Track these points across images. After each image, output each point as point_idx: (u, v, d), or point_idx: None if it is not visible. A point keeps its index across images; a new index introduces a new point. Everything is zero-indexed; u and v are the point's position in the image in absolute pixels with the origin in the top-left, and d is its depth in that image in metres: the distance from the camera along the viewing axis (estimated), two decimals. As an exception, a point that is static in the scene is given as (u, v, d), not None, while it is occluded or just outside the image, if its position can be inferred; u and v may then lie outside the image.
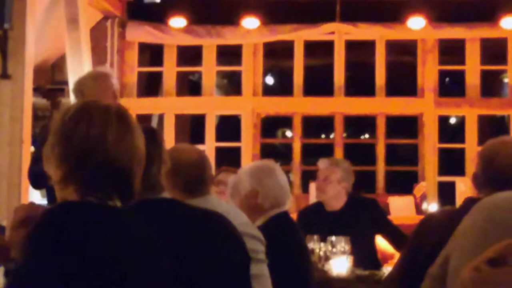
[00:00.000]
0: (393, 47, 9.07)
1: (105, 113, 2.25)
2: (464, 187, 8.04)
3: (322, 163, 5.96)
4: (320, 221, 5.78)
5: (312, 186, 8.04)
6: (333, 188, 5.84)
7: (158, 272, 2.21)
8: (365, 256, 5.53)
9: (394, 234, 5.85)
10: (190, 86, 11.01)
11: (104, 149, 2.20)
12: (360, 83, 9.62)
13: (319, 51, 9.37)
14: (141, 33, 8.87)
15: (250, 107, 8.88)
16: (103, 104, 2.29)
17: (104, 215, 2.19)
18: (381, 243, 6.12)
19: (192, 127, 10.46)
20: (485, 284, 1.45)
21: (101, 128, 2.22)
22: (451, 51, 9.11)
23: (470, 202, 2.85)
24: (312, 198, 7.64)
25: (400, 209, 8.19)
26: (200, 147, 6.34)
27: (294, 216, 5.27)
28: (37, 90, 6.21)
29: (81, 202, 2.20)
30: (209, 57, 9.01)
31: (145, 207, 2.62)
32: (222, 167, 5.84)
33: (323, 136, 12.90)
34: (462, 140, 8.89)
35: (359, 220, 5.76)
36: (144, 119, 9.28)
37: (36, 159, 4.64)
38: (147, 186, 2.64)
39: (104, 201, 2.19)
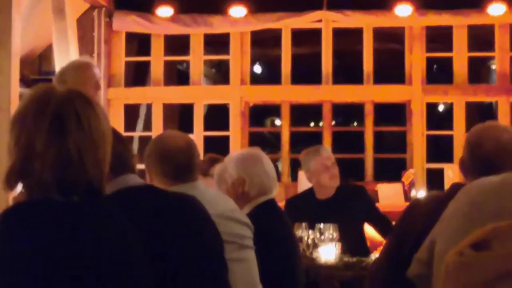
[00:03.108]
0: (380, 34, 9.07)
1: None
2: (452, 174, 8.05)
3: (325, 151, 5.97)
4: (309, 208, 5.79)
5: (301, 174, 8.04)
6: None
7: (121, 269, 2.17)
8: (354, 243, 5.55)
9: (381, 222, 5.87)
10: (178, 75, 10.99)
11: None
12: (347, 71, 9.62)
13: (307, 39, 9.35)
14: (128, 23, 8.84)
15: (238, 96, 8.87)
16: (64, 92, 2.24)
17: (54, 213, 2.14)
18: (370, 230, 6.14)
19: (180, 117, 10.44)
20: (468, 268, 1.46)
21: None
22: (439, 38, 9.11)
23: (456, 188, 2.86)
24: (301, 186, 7.64)
25: (389, 196, 8.21)
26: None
27: (282, 204, 5.27)
28: (21, 80, 6.19)
29: (36, 201, 2.15)
30: (197, 46, 8.99)
31: (120, 196, 2.61)
32: (208, 154, 5.84)
33: (311, 124, 12.90)
34: (450, 127, 8.90)
35: (348, 207, 5.78)
36: (132, 108, 9.27)
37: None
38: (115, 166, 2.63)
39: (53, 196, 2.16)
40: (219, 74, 12.51)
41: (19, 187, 2.24)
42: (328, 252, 5.14)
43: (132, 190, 2.67)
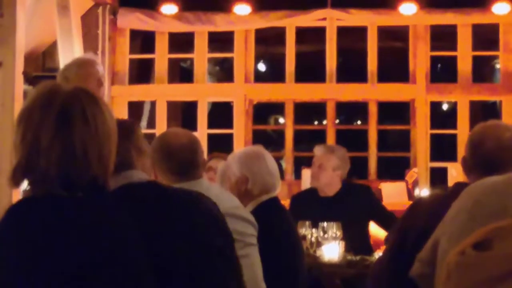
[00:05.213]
0: (384, 33, 9.07)
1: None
2: (456, 173, 8.05)
3: (318, 150, 5.99)
4: (312, 206, 5.80)
5: (304, 173, 8.05)
6: (327, 175, 5.88)
7: (122, 265, 2.18)
8: (358, 241, 5.55)
9: (388, 220, 5.86)
10: (181, 73, 10.99)
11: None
12: (352, 69, 9.60)
13: (311, 37, 9.36)
14: (132, 20, 8.85)
15: (242, 93, 8.87)
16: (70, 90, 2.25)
17: (59, 208, 2.15)
18: (373, 229, 6.14)
19: (184, 114, 10.45)
20: (470, 267, 1.46)
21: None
22: (443, 37, 9.10)
23: (459, 187, 2.86)
24: (304, 184, 7.65)
25: (392, 195, 8.21)
26: (192, 134, 6.35)
27: (285, 202, 5.27)
28: (23, 77, 6.20)
29: (41, 196, 2.16)
30: (201, 44, 8.99)
31: (123, 192, 2.61)
32: (213, 153, 5.85)
33: (315, 122, 12.90)
34: (454, 126, 8.90)
35: (352, 206, 5.78)
36: (136, 106, 9.27)
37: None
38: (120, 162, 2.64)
39: (55, 192, 2.16)
40: (223, 71, 12.51)
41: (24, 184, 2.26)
42: (331, 250, 5.14)
43: (135, 186, 2.67)
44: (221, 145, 8.15)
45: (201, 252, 2.62)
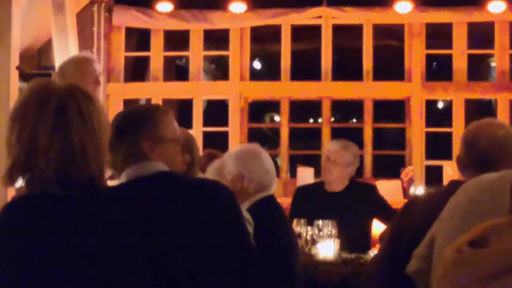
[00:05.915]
0: (380, 31, 9.07)
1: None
2: (451, 171, 8.05)
3: (334, 145, 5.99)
4: (318, 200, 5.81)
5: (300, 171, 8.05)
6: (339, 171, 5.90)
7: (115, 264, 2.18)
8: (355, 239, 5.55)
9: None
10: (177, 71, 10.99)
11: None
12: (347, 68, 9.61)
13: (306, 35, 9.36)
14: (127, 18, 8.84)
15: (237, 91, 8.87)
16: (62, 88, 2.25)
17: (54, 206, 2.15)
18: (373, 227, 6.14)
19: (179, 112, 10.44)
20: (466, 265, 1.46)
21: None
22: (438, 35, 9.11)
23: (454, 185, 2.86)
24: (300, 182, 7.64)
25: (387, 193, 8.17)
26: (187, 131, 6.34)
27: (281, 200, 5.27)
28: (18, 74, 6.18)
29: (38, 194, 2.16)
30: (196, 41, 8.99)
31: (125, 189, 2.62)
32: (206, 150, 5.84)
33: (310, 120, 12.89)
34: (449, 124, 8.91)
35: (357, 203, 5.79)
36: (131, 104, 9.26)
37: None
38: (128, 156, 2.64)
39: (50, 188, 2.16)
40: (219, 69, 12.51)
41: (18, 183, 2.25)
42: (327, 248, 5.13)
43: (140, 181, 2.66)
44: (216, 143, 8.14)
45: (203, 243, 2.61)
